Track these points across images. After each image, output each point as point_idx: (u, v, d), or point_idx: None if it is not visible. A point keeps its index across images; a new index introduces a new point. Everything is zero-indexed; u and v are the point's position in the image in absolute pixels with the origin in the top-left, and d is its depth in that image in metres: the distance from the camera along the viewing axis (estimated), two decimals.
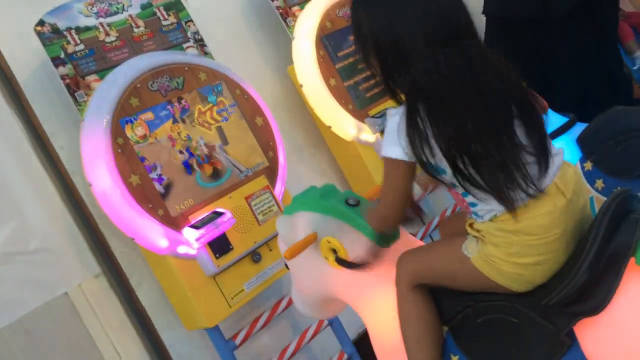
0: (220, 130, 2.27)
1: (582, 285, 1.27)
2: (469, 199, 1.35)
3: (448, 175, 1.32)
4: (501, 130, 1.28)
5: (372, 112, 2.74)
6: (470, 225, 1.40)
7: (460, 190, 1.35)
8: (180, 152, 2.14)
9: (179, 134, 2.16)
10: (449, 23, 1.28)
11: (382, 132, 2.69)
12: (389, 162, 1.35)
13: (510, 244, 1.31)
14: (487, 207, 1.33)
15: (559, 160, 1.34)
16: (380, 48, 1.31)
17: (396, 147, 1.31)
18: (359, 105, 2.72)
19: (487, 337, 1.43)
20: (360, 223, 1.57)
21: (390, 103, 2.75)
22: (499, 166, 1.27)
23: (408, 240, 1.63)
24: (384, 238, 1.56)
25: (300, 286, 1.76)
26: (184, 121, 2.19)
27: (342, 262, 1.58)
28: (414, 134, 1.28)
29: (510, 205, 1.28)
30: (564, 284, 1.29)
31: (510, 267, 1.33)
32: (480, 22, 3.28)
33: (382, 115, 2.72)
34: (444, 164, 1.30)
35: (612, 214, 1.28)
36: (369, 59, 1.37)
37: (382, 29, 1.29)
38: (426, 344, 1.45)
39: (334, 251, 1.59)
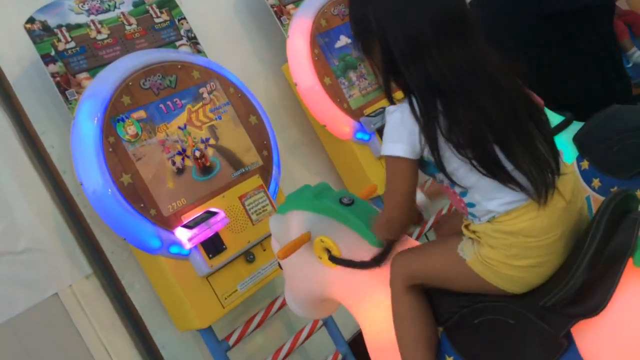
0: (212, 128, 2.24)
1: (580, 286, 1.26)
2: (467, 199, 1.34)
3: (448, 170, 1.30)
4: (520, 120, 1.28)
5: (368, 111, 2.72)
6: (467, 226, 1.38)
7: (458, 190, 1.33)
8: (172, 149, 2.12)
9: (170, 132, 2.13)
10: (456, 19, 1.27)
11: (378, 130, 2.68)
12: (390, 161, 1.32)
13: (509, 246, 1.29)
14: (485, 208, 1.31)
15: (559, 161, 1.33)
16: (389, 42, 1.27)
17: (397, 144, 1.29)
18: (354, 104, 2.70)
19: (483, 338, 1.41)
20: (355, 222, 1.55)
21: (383, 103, 2.76)
22: (526, 152, 1.26)
23: (403, 239, 1.61)
24: (384, 255, 1.54)
25: (294, 286, 1.74)
26: (175, 119, 2.16)
27: (335, 260, 1.56)
28: (423, 128, 1.26)
29: (542, 189, 1.26)
30: (561, 285, 1.27)
31: (508, 270, 1.31)
32: None
33: (378, 114, 2.70)
34: (448, 159, 1.27)
35: (611, 214, 1.27)
36: (371, 54, 1.34)
37: (392, 23, 1.27)
38: (420, 345, 1.44)
39: (328, 250, 1.57)
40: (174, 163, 2.10)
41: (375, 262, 1.52)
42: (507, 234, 1.29)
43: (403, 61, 1.27)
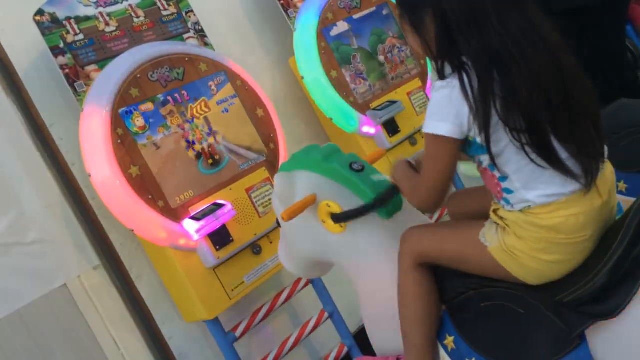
0: (215, 120, 2.25)
1: (601, 286, 1.24)
2: (506, 184, 1.29)
3: (493, 151, 1.25)
4: (575, 101, 1.23)
5: (374, 104, 2.72)
6: (495, 211, 1.35)
7: (498, 174, 1.29)
8: (180, 142, 2.12)
9: (178, 124, 2.14)
10: None
11: (384, 124, 2.68)
12: (433, 139, 1.27)
13: (538, 240, 1.27)
14: (523, 197, 1.27)
15: None
16: (445, 12, 1.21)
17: (443, 124, 1.24)
18: (361, 98, 2.70)
19: (488, 322, 1.40)
20: (364, 191, 1.50)
21: (389, 96, 2.76)
22: (579, 137, 1.23)
23: (413, 213, 1.57)
24: (386, 209, 1.50)
25: (291, 245, 1.69)
26: (182, 112, 2.17)
27: (339, 217, 1.51)
28: (478, 103, 1.20)
29: (590, 178, 1.23)
30: (582, 283, 1.26)
31: (531, 262, 1.29)
32: None
33: (384, 107, 2.70)
34: (495, 142, 1.23)
35: None
36: (422, 28, 1.28)
37: None
38: (424, 325, 1.42)
39: (332, 214, 1.53)
40: (182, 155, 2.11)
41: (376, 204, 1.48)
42: (539, 227, 1.27)
43: (461, 31, 1.21)
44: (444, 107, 1.24)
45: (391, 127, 2.71)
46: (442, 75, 1.28)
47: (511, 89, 1.20)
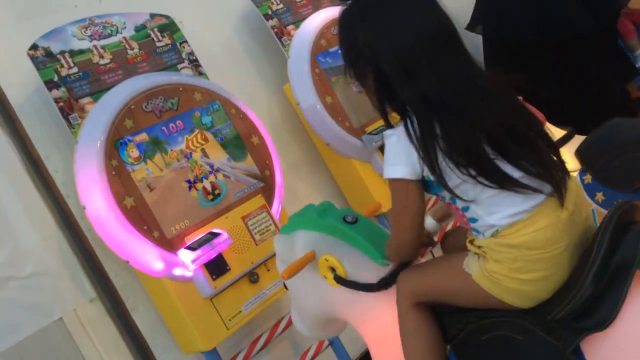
0: (212, 151, 2.25)
1: (587, 298, 1.25)
2: (469, 214, 1.33)
3: (448, 190, 1.30)
4: (519, 128, 1.28)
5: (369, 129, 2.73)
6: (471, 242, 1.38)
7: (460, 205, 1.33)
8: (177, 174, 2.12)
9: (174, 156, 2.15)
10: (442, 34, 1.29)
11: (380, 148, 2.69)
12: (394, 183, 1.32)
13: (513, 260, 1.29)
14: (487, 223, 1.31)
15: None
16: (380, 63, 1.29)
17: (397, 167, 1.30)
18: (356, 123, 2.71)
19: (491, 354, 1.40)
20: (359, 240, 1.55)
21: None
22: (530, 156, 1.27)
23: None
24: (382, 254, 1.52)
25: (300, 306, 1.73)
26: (177, 143, 2.18)
27: (340, 280, 1.55)
28: (422, 147, 1.26)
29: (556, 187, 1.27)
30: (569, 297, 1.26)
31: (514, 284, 1.30)
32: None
33: (380, 131, 2.71)
34: (449, 176, 1.27)
35: (615, 225, 1.26)
36: (365, 79, 1.35)
37: (381, 44, 1.28)
38: None
39: (333, 269, 1.57)
40: (179, 188, 2.10)
41: (381, 285, 1.51)
42: (511, 247, 1.29)
43: (397, 81, 1.28)
44: (395, 153, 1.31)
45: None
46: (387, 123, 1.37)
47: (448, 132, 1.25)
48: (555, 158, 1.33)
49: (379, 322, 1.56)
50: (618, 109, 2.75)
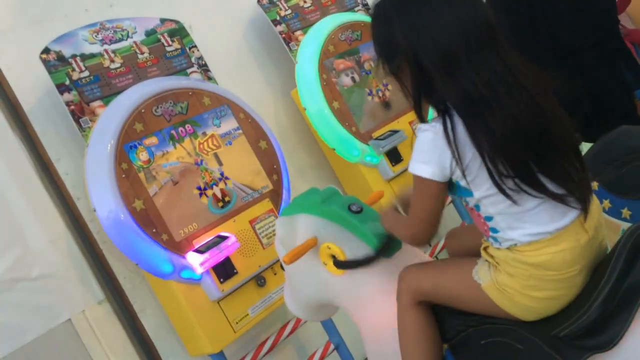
0: (224, 156, 2.27)
1: (595, 319, 1.24)
2: (491, 224, 1.31)
3: (475, 197, 1.28)
4: (556, 137, 1.25)
5: (376, 134, 2.74)
6: (485, 249, 1.37)
7: (483, 214, 1.31)
8: (187, 177, 2.14)
9: (183, 159, 2.16)
10: (485, 29, 1.23)
11: (386, 153, 2.70)
12: (419, 181, 1.28)
13: (527, 277, 1.28)
14: (508, 236, 1.29)
15: None
16: (419, 59, 1.23)
17: (427, 166, 1.26)
18: (363, 128, 2.73)
19: (489, 359, 1.40)
20: (363, 231, 1.53)
21: (391, 126, 2.79)
22: (564, 170, 1.24)
23: (413, 253, 1.59)
24: (386, 248, 1.52)
25: (295, 288, 1.71)
26: (187, 146, 2.20)
27: (341, 264, 1.54)
28: (461, 150, 1.21)
29: (584, 204, 1.25)
30: (576, 316, 1.26)
31: (524, 299, 1.30)
32: None
33: (387, 137, 2.72)
34: (478, 185, 1.25)
35: (630, 249, 1.25)
36: (400, 73, 1.29)
37: (421, 39, 1.22)
38: None
39: (334, 257, 1.55)
40: (189, 192, 2.12)
41: (379, 254, 1.50)
42: (527, 265, 1.27)
43: (436, 77, 1.22)
44: (427, 150, 1.25)
45: (393, 156, 2.73)
46: (421, 119, 1.30)
47: (491, 134, 1.20)
48: (583, 174, 1.29)
49: (376, 312, 1.54)
50: (625, 116, 2.75)
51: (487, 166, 1.21)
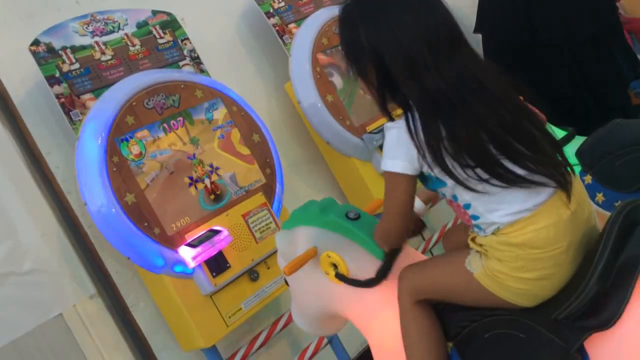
0: (214, 150, 2.25)
1: (591, 298, 1.25)
2: (471, 211, 1.33)
3: (449, 186, 1.31)
4: (522, 128, 1.29)
5: (370, 128, 2.73)
6: (473, 239, 1.38)
7: (462, 202, 1.33)
8: (178, 170, 2.12)
9: (175, 151, 2.15)
10: (447, 32, 1.29)
11: (380, 147, 2.69)
12: (389, 176, 1.34)
13: (515, 258, 1.29)
14: (489, 220, 1.31)
15: None
16: (384, 63, 1.28)
17: (396, 161, 1.31)
18: (357, 121, 2.71)
19: (493, 352, 1.40)
20: (361, 237, 1.54)
21: (385, 120, 2.78)
22: (535, 155, 1.27)
23: (410, 254, 1.60)
24: (384, 252, 1.53)
25: (301, 302, 1.73)
26: (179, 139, 2.18)
27: (342, 278, 1.55)
28: (426, 147, 1.26)
29: (564, 184, 1.27)
30: (573, 297, 1.26)
31: (515, 283, 1.30)
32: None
33: (380, 131, 2.71)
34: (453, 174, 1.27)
35: (620, 225, 1.26)
36: (366, 75, 1.35)
37: (386, 44, 1.28)
38: None
39: (335, 266, 1.56)
40: (181, 185, 2.10)
41: (379, 278, 1.51)
42: (512, 245, 1.29)
43: (400, 77, 1.28)
44: (394, 146, 1.31)
45: None
46: (388, 117, 1.37)
47: (454, 133, 1.25)
48: (559, 157, 1.33)
49: (381, 320, 1.55)
50: (619, 109, 2.76)
51: (452, 159, 1.26)
